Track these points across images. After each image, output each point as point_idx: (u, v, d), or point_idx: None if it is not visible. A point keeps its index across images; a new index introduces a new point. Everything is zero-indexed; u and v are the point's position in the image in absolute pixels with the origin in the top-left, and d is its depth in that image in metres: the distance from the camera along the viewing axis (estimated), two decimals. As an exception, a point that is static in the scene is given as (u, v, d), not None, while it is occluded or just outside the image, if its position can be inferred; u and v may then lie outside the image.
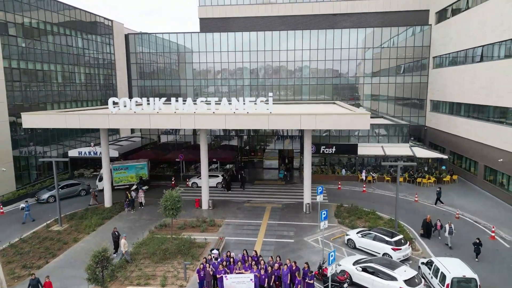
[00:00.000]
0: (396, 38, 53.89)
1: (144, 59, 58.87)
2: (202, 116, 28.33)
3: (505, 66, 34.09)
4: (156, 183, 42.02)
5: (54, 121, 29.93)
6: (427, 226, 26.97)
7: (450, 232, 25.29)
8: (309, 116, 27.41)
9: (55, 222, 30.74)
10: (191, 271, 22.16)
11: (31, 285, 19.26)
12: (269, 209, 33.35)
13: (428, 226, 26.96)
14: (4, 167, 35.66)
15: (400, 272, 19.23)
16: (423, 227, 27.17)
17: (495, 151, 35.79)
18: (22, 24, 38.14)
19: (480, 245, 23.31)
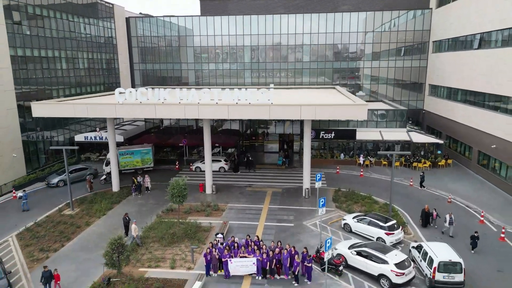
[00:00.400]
0: (397, 21, 54.15)
1: (145, 42, 59.29)
2: (206, 107, 29.41)
3: (504, 54, 34.82)
4: (160, 167, 43.54)
5: (63, 110, 31.06)
6: (426, 216, 27.60)
7: (451, 222, 25.88)
8: (309, 106, 28.50)
9: (66, 206, 32.32)
10: (198, 254, 23.81)
11: (43, 277, 20.05)
12: (270, 194, 34.90)
13: (427, 216, 27.59)
14: (14, 153, 36.95)
15: (391, 256, 20.82)
16: (422, 216, 27.77)
17: (489, 137, 37.00)
18: (26, 11, 38.62)
19: (477, 238, 23.86)
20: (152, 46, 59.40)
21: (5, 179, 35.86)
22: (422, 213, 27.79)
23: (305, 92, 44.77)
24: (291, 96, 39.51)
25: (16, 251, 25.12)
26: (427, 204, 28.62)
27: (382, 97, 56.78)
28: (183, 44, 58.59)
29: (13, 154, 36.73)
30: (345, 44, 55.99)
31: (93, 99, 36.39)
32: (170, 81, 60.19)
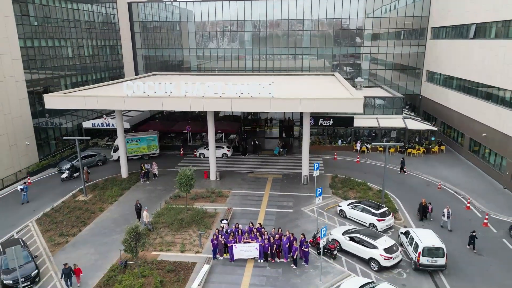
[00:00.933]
0: (397, 4, 54.80)
1: (147, 27, 60.13)
2: (210, 100, 31.04)
3: (496, 46, 36.11)
4: (166, 153, 45.52)
5: (74, 102, 32.70)
6: (423, 209, 28.34)
7: (448, 216, 27.07)
8: (308, 100, 30.13)
9: (80, 192, 34.44)
10: (205, 239, 26.03)
11: (64, 274, 21.01)
12: (270, 180, 36.96)
13: (424, 209, 28.36)
14: (27, 141, 38.80)
15: (380, 242, 22.98)
16: (419, 210, 28.55)
17: (480, 125, 38.73)
18: (33, 2, 39.59)
19: (475, 237, 24.18)
20: (154, 31, 60.28)
21: (20, 166, 37.86)
22: (420, 207, 28.56)
23: (304, 80, 46.19)
24: (290, 85, 40.99)
25: (37, 235, 27.35)
26: (423, 198, 29.52)
27: (381, 81, 58.14)
28: (185, 29, 59.47)
29: (26, 142, 38.57)
30: (345, 29, 56.93)
31: (102, 88, 37.94)
32: (172, 66, 61.40)
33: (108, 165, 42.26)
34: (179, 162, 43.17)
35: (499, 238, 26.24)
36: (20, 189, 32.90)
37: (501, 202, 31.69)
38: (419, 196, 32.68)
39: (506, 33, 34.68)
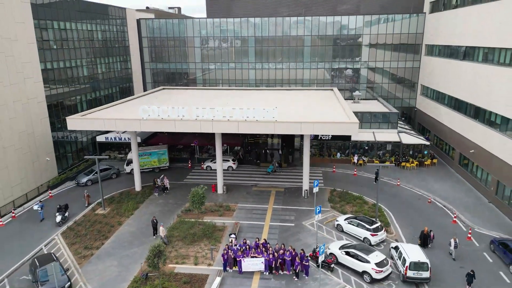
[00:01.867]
0: (393, 23, 57.62)
1: (155, 42, 63.01)
2: (219, 123, 33.97)
3: (483, 70, 38.97)
4: (174, 165, 48.48)
5: (95, 124, 35.65)
6: (424, 237, 29.32)
7: (455, 246, 27.80)
8: (308, 124, 33.06)
9: (98, 206, 37.41)
10: (215, 252, 28.98)
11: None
12: (273, 194, 39.91)
13: (426, 237, 29.32)
14: (47, 156, 41.76)
15: (372, 257, 25.93)
16: (420, 238, 29.42)
17: (469, 142, 41.61)
18: (52, 27, 42.52)
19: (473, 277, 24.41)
20: (161, 45, 63.16)
21: (41, 180, 40.84)
22: (421, 235, 29.44)
23: (305, 96, 49.05)
24: (291, 102, 43.84)
25: (64, 248, 30.33)
26: (426, 227, 30.27)
27: (378, 91, 60.91)
28: (190, 44, 62.32)
29: (46, 158, 41.54)
30: (344, 45, 59.74)
31: (116, 107, 40.87)
32: (179, 78, 64.30)
33: (122, 178, 45.21)
34: (188, 174, 46.12)
35: (480, 251, 29.18)
36: (36, 208, 35.07)
37: (486, 216, 34.60)
38: (411, 210, 35.73)
39: (491, 58, 37.54)
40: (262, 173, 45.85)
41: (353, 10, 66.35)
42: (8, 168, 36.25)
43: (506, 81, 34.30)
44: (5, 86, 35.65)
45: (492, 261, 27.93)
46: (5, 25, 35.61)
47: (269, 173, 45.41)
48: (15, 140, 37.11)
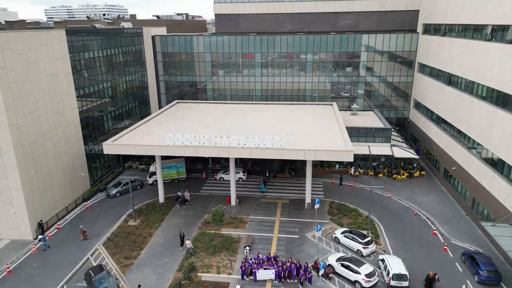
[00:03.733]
0: (389, 39, 62.48)
1: (168, 56, 68.06)
2: (234, 149, 39.67)
3: (464, 98, 44.32)
4: (190, 176, 54.39)
5: (127, 149, 41.39)
6: (429, 281, 30.72)
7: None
8: (310, 151, 38.80)
9: (129, 217, 43.45)
10: (234, 263, 35.04)
11: None
12: (279, 206, 45.88)
13: (431, 281, 30.67)
14: (82, 172, 47.63)
15: (363, 269, 32.00)
16: (426, 281, 31.00)
17: (452, 159, 47.32)
18: (84, 58, 47.80)
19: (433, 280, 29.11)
20: (174, 59, 68.22)
21: (77, 194, 46.80)
22: (427, 278, 30.99)
23: (307, 113, 54.45)
24: (295, 122, 49.34)
25: (107, 258, 36.45)
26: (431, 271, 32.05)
27: (375, 102, 66.02)
28: (202, 58, 67.37)
29: (82, 174, 47.41)
30: (343, 60, 64.76)
31: (140, 128, 46.49)
32: (190, 90, 69.53)
33: (145, 189, 51.14)
34: (203, 185, 52.04)
35: (453, 262, 35.27)
36: (39, 240, 38.26)
37: (462, 229, 40.60)
38: (399, 222, 41.74)
39: (471, 90, 42.90)
40: (269, 185, 51.68)
41: (352, 25, 71.07)
42: (53, 186, 42.17)
43: (483, 113, 39.79)
44: (49, 116, 41.23)
45: (462, 270, 34.03)
46: (49, 63, 40.94)
47: (263, 192, 49.01)
48: (57, 161, 42.90)
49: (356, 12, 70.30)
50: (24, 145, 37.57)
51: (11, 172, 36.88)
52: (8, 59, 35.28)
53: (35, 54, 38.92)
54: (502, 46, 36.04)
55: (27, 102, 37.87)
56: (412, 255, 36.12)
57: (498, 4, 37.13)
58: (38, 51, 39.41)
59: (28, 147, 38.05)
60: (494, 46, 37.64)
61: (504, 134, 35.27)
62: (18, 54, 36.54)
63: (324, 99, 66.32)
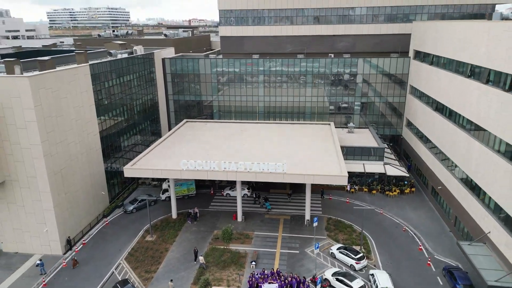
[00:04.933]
0: (383, 62, 67.28)
1: (177, 77, 72.86)
2: (241, 173, 44.49)
3: (449, 125, 49.01)
4: (199, 192, 59.20)
5: (145, 173, 46.22)
6: None
7: None
8: (309, 175, 43.59)
9: (147, 233, 48.25)
10: (242, 277, 39.80)
11: None
12: (281, 222, 50.64)
13: None
14: (102, 191, 52.50)
15: (355, 283, 36.77)
16: None
17: (438, 179, 52.07)
18: (104, 87, 52.62)
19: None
20: (183, 80, 73.03)
21: (98, 211, 51.64)
22: None
23: (304, 132, 59.18)
24: (295, 143, 54.08)
25: (130, 272, 41.26)
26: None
27: (370, 119, 70.75)
28: (208, 79, 72.15)
29: (102, 192, 52.26)
30: (341, 82, 69.52)
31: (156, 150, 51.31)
32: (197, 107, 74.32)
33: (159, 205, 55.92)
34: (211, 201, 56.85)
35: (434, 276, 40.03)
36: (36, 265, 40.81)
37: (445, 245, 45.31)
38: (389, 238, 46.46)
39: (454, 118, 47.60)
40: (272, 199, 56.46)
41: (349, 47, 75.74)
42: (79, 205, 47.01)
43: (463, 141, 44.52)
44: (76, 143, 46.07)
45: (442, 284, 38.81)
46: (76, 96, 45.77)
47: (269, 210, 53.65)
48: (82, 183, 47.74)
49: (352, 35, 74.92)
50: (56, 172, 42.41)
51: (44, 196, 41.73)
52: (43, 98, 40.11)
53: (65, 90, 43.77)
54: (479, 84, 40.79)
55: (59, 133, 42.73)
56: (399, 269, 40.89)
57: (475, 46, 41.89)
58: (67, 87, 44.25)
59: (59, 173, 42.90)
60: (473, 83, 42.39)
61: (479, 163, 40.04)
62: (51, 92, 41.38)
63: (323, 115, 71.14)
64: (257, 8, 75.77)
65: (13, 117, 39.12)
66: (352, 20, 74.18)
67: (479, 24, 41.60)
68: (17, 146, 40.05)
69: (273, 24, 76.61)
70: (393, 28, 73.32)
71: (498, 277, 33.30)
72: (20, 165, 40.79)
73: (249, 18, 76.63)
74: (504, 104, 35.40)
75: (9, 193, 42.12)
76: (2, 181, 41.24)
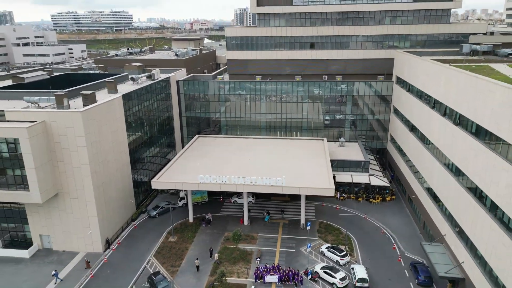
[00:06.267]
0: (370, 85, 77.26)
1: (189, 97, 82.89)
2: (248, 185, 54.59)
3: (420, 146, 58.92)
4: (210, 198, 69.25)
5: (169, 185, 56.35)
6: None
7: None
8: (304, 188, 53.70)
9: (169, 235, 58.26)
10: (249, 270, 49.77)
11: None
12: (281, 225, 60.67)
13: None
14: (131, 199, 62.60)
15: (338, 274, 46.78)
16: None
17: (412, 189, 62.02)
18: (133, 111, 62.67)
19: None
20: (194, 99, 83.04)
21: (127, 216, 61.70)
22: None
23: (301, 147, 69.16)
24: (292, 158, 64.04)
25: (159, 266, 51.27)
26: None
27: (359, 133, 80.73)
28: (216, 99, 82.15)
29: (130, 200, 62.35)
30: (332, 102, 79.42)
31: (176, 165, 61.33)
32: (207, 124, 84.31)
33: (177, 211, 65.88)
34: (221, 207, 66.87)
35: (403, 269, 50.01)
36: (52, 274, 48.10)
37: (415, 244, 55.19)
38: (369, 239, 56.38)
39: (423, 139, 57.50)
40: (273, 205, 66.43)
41: (341, 70, 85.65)
42: (114, 211, 57.08)
43: (428, 160, 54.46)
44: (113, 161, 56.17)
45: (408, 276, 48.79)
46: (112, 122, 55.80)
47: (266, 222, 62.47)
48: (117, 193, 57.81)
49: (344, 59, 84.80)
50: (98, 185, 52.50)
51: (90, 205, 51.81)
52: (91, 127, 50.18)
53: (105, 118, 53.84)
54: (439, 116, 50.75)
55: (101, 154, 52.80)
56: (376, 264, 50.86)
57: (436, 84, 51.88)
58: (106, 115, 54.31)
59: (100, 187, 52.99)
60: (435, 114, 52.34)
61: (439, 178, 50.01)
62: (96, 121, 51.45)
63: (318, 130, 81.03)
64: (260, 35, 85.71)
65: (67, 142, 49.16)
66: (343, 46, 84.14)
67: (439, 67, 51.60)
68: (69, 165, 50.12)
69: (274, 49, 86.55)
70: (379, 54, 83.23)
71: (447, 269, 43.33)
72: (71, 180, 50.86)
73: (252, 44, 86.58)
74: (454, 134, 45.38)
75: (61, 203, 52.17)
76: (55, 193, 51.28)
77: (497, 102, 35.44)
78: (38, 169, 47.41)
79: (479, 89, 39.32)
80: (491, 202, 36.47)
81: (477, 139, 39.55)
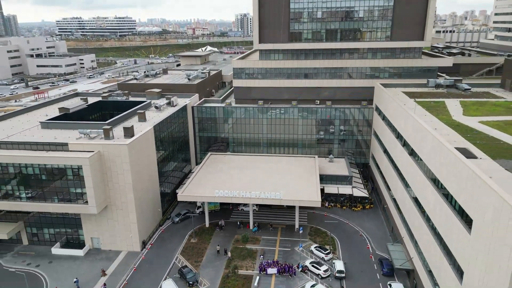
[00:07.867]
0: (354, 110, 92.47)
1: (202, 119, 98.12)
2: (253, 198, 69.81)
3: (390, 167, 73.97)
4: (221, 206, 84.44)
5: (191, 198, 71.57)
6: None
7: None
8: (297, 200, 68.94)
9: (190, 237, 73.43)
10: (254, 264, 64.87)
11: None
12: (280, 230, 75.81)
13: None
14: (159, 208, 77.76)
15: (322, 267, 61.95)
16: None
17: (385, 199, 77.12)
18: (160, 138, 77.89)
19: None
20: (206, 122, 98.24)
21: (156, 222, 76.88)
22: None
23: (296, 164, 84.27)
24: (289, 173, 79.10)
25: (186, 261, 66.40)
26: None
27: (346, 149, 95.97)
28: (226, 121, 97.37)
29: (158, 209, 77.56)
30: (323, 123, 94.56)
31: (195, 181, 76.49)
32: (218, 142, 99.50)
33: (195, 217, 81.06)
34: (231, 214, 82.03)
35: (373, 264, 65.15)
36: (74, 281, 60.85)
37: (384, 244, 70.31)
38: (349, 240, 71.49)
39: (392, 162, 72.56)
40: (273, 213, 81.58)
41: (331, 95, 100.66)
42: (147, 218, 72.26)
43: (395, 178, 69.57)
44: (147, 179, 71.38)
45: (376, 268, 63.96)
46: (146, 148, 70.95)
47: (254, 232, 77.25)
48: (149, 204, 72.99)
49: (333, 87, 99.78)
50: (137, 198, 67.73)
51: (131, 214, 67.04)
52: (133, 155, 65.36)
53: (141, 146, 69.01)
54: (400, 146, 65.84)
55: (139, 175, 68.03)
56: (352, 260, 65.96)
57: (398, 119, 67.00)
58: (142, 144, 69.47)
59: (139, 199, 68.23)
60: (398, 143, 67.48)
61: (400, 194, 65.18)
62: (136, 150, 66.64)
63: (311, 146, 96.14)
64: (261, 67, 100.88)
65: (115, 167, 64.37)
66: (333, 76, 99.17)
67: (400, 108, 66.72)
68: (116, 184, 65.32)
69: (274, 79, 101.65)
70: (363, 83, 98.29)
71: (402, 263, 58.53)
72: (117, 196, 66.06)
73: (255, 74, 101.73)
74: (409, 163, 60.53)
75: (109, 213, 67.38)
76: (105, 206, 66.50)
77: (430, 145, 50.67)
78: (95, 188, 62.65)
79: (422, 133, 54.54)
80: (424, 213, 51.74)
81: (418, 167, 54.79)
